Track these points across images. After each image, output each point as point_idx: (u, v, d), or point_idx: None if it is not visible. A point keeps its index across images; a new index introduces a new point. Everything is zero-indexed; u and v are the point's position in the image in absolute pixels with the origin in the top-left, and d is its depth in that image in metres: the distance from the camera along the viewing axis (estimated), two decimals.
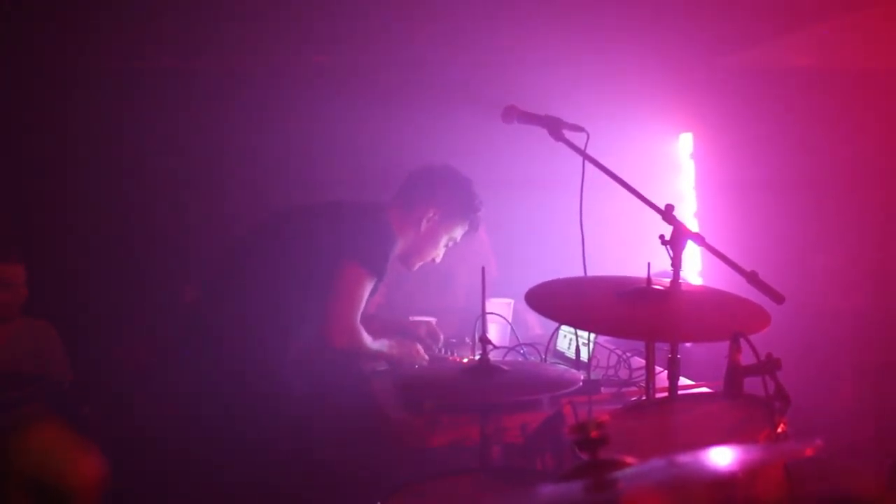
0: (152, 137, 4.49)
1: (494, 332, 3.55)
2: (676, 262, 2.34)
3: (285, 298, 3.25)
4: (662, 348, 2.48)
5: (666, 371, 2.40)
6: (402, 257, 3.54)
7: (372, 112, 4.40)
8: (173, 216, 4.55)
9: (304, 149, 4.49)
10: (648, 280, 2.33)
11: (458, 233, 3.58)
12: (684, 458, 1.31)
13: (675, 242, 2.34)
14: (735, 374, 1.93)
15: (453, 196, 3.52)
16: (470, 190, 3.56)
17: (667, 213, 2.39)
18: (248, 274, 3.32)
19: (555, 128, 2.73)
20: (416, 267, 3.61)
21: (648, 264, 2.34)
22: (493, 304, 3.57)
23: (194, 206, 4.54)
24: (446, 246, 3.59)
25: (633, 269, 2.52)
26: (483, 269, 2.63)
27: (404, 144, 4.45)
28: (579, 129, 2.75)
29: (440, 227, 3.52)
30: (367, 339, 3.31)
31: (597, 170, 2.63)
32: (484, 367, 2.49)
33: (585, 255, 2.75)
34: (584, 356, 3.13)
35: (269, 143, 4.53)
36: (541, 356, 3.29)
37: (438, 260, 3.61)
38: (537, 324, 4.00)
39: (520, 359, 3.32)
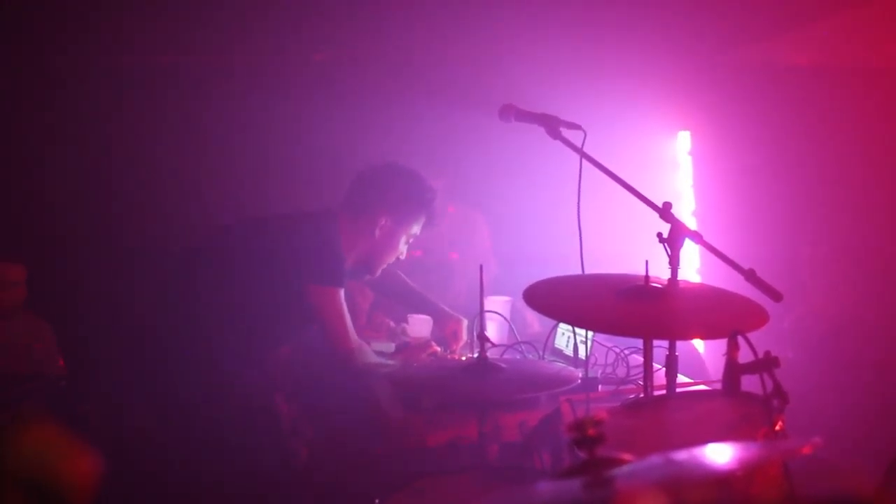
0: (149, 137, 4.48)
1: (493, 330, 3.55)
2: (674, 260, 2.34)
3: (244, 312, 3.28)
4: (660, 346, 2.48)
5: (664, 369, 2.40)
6: (363, 265, 3.53)
7: (368, 110, 4.39)
8: (170, 215, 4.54)
9: (306, 147, 4.49)
10: (646, 278, 2.33)
11: (416, 229, 3.55)
12: (682, 456, 1.31)
13: (672, 240, 2.34)
14: (733, 372, 1.93)
15: (403, 198, 3.47)
16: (419, 187, 3.50)
17: (665, 211, 2.39)
18: (203, 285, 3.34)
19: (552, 126, 2.73)
20: (379, 271, 3.59)
21: (646, 262, 2.34)
22: (491, 302, 3.57)
23: (191, 205, 4.53)
24: (407, 244, 3.57)
25: (631, 266, 2.52)
26: (481, 267, 2.62)
27: (402, 143, 4.45)
28: (576, 127, 2.75)
29: (395, 231, 3.48)
30: (370, 351, 3.36)
31: (594, 168, 2.63)
32: (482, 365, 2.50)
33: (583, 253, 2.75)
34: (581, 354, 3.13)
35: (273, 143, 4.53)
36: (539, 354, 3.29)
37: (403, 258, 3.59)
38: (535, 321, 4.00)
39: (518, 357, 3.32)
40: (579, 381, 2.50)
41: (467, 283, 4.25)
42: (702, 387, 2.95)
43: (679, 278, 2.37)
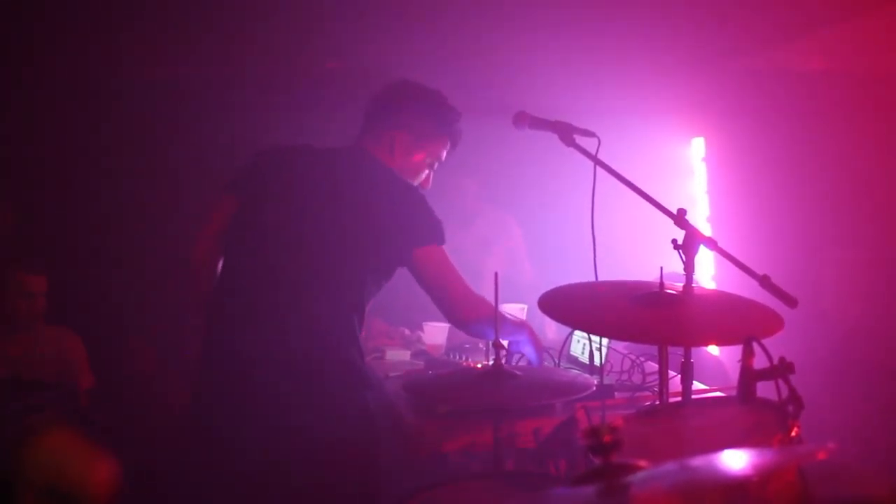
0: (168, 147, 4.52)
1: None
2: (689, 267, 2.34)
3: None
4: (676, 353, 2.48)
5: (679, 375, 2.40)
6: None
7: None
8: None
9: None
10: (661, 284, 2.33)
11: (442, 154, 3.19)
12: (697, 462, 1.31)
13: (687, 247, 2.34)
14: (748, 379, 1.93)
15: (419, 114, 3.12)
16: (440, 103, 3.17)
17: (679, 218, 2.39)
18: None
19: (566, 133, 2.73)
20: None
21: (661, 268, 2.34)
22: (506, 310, 3.58)
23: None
24: (431, 168, 3.19)
25: (646, 273, 2.52)
26: (496, 275, 2.63)
27: None
28: (590, 134, 2.75)
29: (414, 148, 3.11)
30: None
31: (608, 175, 2.63)
32: (497, 372, 2.50)
33: (597, 260, 2.75)
34: (597, 361, 3.13)
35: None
36: (554, 361, 3.29)
37: (428, 186, 3.20)
38: (552, 329, 4.01)
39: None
40: (595, 388, 2.49)
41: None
42: (717, 393, 2.95)
43: (694, 284, 2.37)
